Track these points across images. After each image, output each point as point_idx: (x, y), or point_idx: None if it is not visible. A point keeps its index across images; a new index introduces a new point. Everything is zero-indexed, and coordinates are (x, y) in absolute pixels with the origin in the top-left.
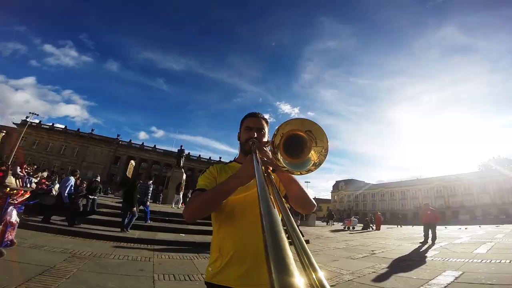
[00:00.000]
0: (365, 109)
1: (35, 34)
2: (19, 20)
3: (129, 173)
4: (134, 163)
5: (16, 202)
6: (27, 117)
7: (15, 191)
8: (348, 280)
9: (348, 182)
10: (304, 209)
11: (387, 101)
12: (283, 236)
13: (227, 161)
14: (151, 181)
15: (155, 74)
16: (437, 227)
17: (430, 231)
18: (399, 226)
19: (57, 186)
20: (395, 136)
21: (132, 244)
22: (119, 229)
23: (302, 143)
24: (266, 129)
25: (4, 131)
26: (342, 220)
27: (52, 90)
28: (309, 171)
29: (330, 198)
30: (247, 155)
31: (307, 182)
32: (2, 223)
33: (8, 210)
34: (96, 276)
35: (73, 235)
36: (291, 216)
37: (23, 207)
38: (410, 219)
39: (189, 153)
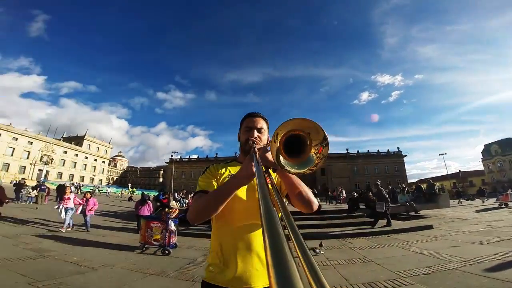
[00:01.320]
0: (491, 53)
1: (146, 87)
2: (128, 79)
3: None
4: None
5: (172, 216)
6: (171, 156)
7: (169, 210)
8: (452, 269)
9: (504, 143)
10: (307, 208)
11: None
12: (283, 236)
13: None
14: None
15: (243, 91)
16: None
17: None
18: None
19: None
20: None
21: None
22: None
23: (300, 142)
24: (266, 128)
25: (162, 170)
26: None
27: (179, 129)
28: (320, 159)
29: (482, 168)
30: (247, 155)
31: (442, 154)
32: (168, 231)
33: (168, 222)
34: None
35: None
36: (291, 216)
37: (177, 220)
38: None
39: None
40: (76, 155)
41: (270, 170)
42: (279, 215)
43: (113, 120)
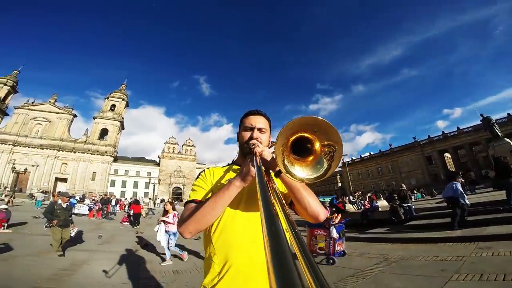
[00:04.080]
0: None
1: (298, 105)
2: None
3: (450, 166)
4: (449, 155)
5: (335, 223)
6: (342, 160)
7: (332, 216)
8: None
9: None
10: (311, 218)
11: None
12: (286, 244)
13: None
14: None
15: (391, 69)
16: None
17: None
18: None
19: (380, 202)
20: None
21: (450, 243)
22: (439, 230)
23: (308, 144)
24: (268, 128)
25: (338, 175)
26: None
27: (342, 132)
28: (329, 165)
29: None
30: (247, 157)
31: None
32: (332, 239)
33: (330, 229)
34: (390, 276)
35: (391, 241)
36: (295, 224)
37: (342, 226)
38: None
39: (508, 113)
40: None
41: (272, 175)
42: (283, 223)
43: None
